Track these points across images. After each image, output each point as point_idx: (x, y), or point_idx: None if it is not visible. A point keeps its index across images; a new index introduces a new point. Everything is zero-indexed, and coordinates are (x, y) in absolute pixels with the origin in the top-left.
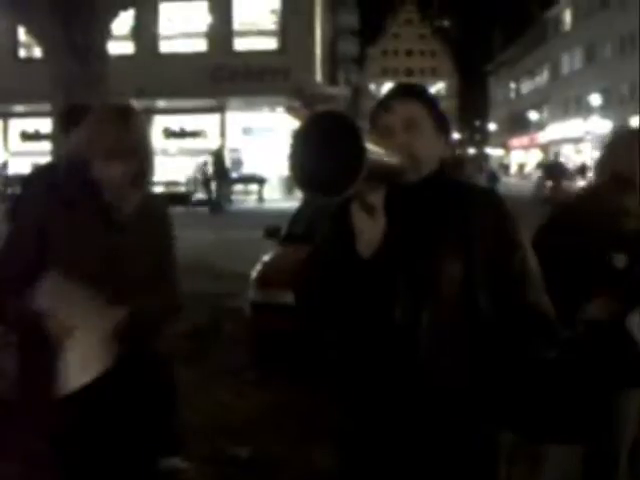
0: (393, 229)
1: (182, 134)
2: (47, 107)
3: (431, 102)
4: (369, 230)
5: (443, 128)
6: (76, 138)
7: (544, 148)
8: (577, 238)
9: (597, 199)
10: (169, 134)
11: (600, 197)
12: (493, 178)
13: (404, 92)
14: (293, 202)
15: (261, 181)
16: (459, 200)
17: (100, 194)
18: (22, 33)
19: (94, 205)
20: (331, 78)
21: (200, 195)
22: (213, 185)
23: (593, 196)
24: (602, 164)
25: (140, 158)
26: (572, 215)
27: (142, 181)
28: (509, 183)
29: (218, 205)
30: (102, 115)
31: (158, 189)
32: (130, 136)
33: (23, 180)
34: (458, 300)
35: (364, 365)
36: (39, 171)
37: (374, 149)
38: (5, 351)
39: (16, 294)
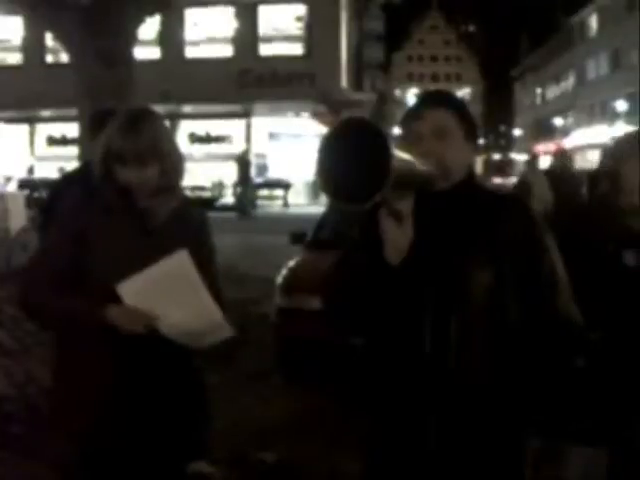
0: (422, 236)
1: (208, 139)
2: (73, 112)
3: (462, 110)
4: (397, 237)
5: (472, 135)
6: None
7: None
8: (587, 241)
9: (604, 202)
10: (195, 139)
11: (606, 200)
12: None
13: (435, 100)
14: (319, 207)
15: (286, 186)
16: (488, 207)
17: (135, 200)
18: (49, 39)
19: (129, 211)
20: (356, 83)
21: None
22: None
23: (600, 200)
24: (607, 169)
25: (160, 162)
26: (581, 220)
27: (168, 186)
28: None
29: (243, 210)
30: (116, 120)
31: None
32: (141, 140)
33: (53, 186)
34: (487, 307)
35: (392, 371)
36: (70, 177)
37: (402, 157)
38: (33, 354)
39: (53, 294)
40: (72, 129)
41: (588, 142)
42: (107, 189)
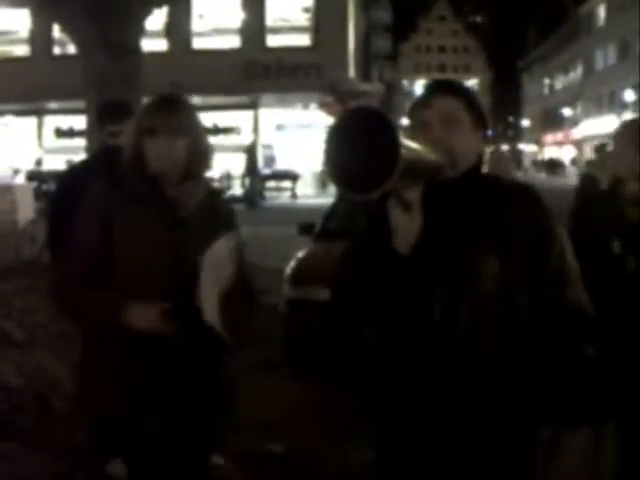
0: (431, 225)
1: (215, 131)
2: (81, 104)
3: (469, 98)
4: (406, 227)
5: (481, 124)
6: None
7: (578, 144)
8: (581, 228)
9: (603, 193)
10: None
11: (606, 191)
12: None
13: (442, 88)
14: (327, 198)
15: (294, 177)
16: (497, 196)
17: (163, 189)
18: (56, 30)
19: (158, 200)
20: (364, 74)
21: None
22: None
23: (602, 191)
24: (610, 159)
25: (189, 140)
26: (583, 209)
27: (194, 172)
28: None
29: (251, 201)
30: (150, 100)
31: None
32: (172, 113)
33: (59, 177)
34: (496, 296)
35: (402, 361)
36: (87, 164)
37: (410, 145)
38: (42, 346)
39: (85, 289)
40: (80, 121)
41: (596, 132)
42: (133, 178)
